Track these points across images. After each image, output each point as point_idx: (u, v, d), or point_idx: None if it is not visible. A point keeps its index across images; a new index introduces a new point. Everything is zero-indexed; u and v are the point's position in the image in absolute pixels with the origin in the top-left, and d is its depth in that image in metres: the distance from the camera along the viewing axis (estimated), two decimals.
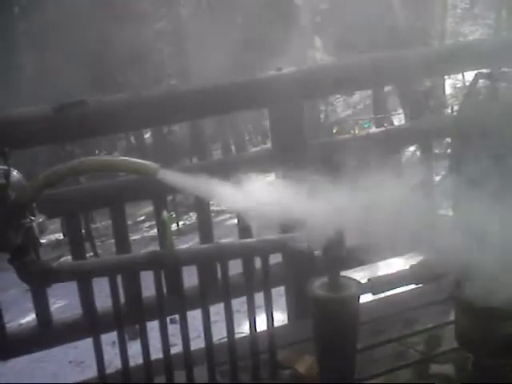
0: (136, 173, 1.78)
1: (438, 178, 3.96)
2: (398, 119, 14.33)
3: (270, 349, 2.19)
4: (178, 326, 2.16)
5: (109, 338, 2.34)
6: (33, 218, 1.76)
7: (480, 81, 2.09)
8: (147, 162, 1.73)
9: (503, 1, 10.66)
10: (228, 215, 10.91)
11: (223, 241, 2.10)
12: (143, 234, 13.30)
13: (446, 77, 12.93)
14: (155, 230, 2.77)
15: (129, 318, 2.23)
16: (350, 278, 2.03)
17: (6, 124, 2.50)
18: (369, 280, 2.05)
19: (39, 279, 1.86)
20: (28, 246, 1.77)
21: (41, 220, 1.79)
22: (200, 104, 2.64)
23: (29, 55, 14.48)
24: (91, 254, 11.14)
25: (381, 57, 3.20)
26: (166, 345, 2.11)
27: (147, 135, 19.48)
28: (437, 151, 3.55)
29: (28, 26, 14.60)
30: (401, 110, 13.79)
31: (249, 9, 12.45)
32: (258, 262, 2.21)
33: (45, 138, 2.62)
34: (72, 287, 2.48)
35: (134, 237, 11.58)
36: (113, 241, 2.83)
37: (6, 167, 1.71)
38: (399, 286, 2.08)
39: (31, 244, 1.78)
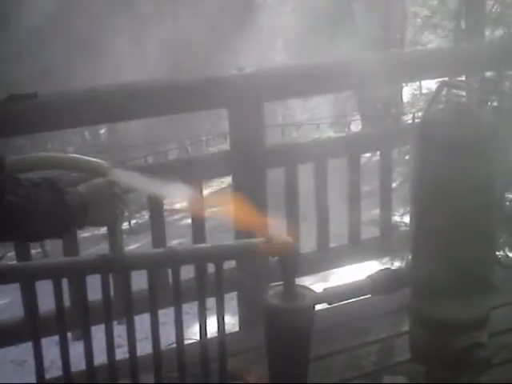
0: (86, 172, 1.69)
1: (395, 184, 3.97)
2: (355, 125, 14.43)
3: (221, 358, 2.12)
4: (125, 327, 2.06)
5: (53, 337, 2.21)
6: None
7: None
8: (98, 161, 1.64)
9: (462, 12, 10.86)
10: (182, 215, 10.78)
11: (176, 242, 2.02)
12: (93, 231, 13.02)
13: (403, 84, 13.07)
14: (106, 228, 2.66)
15: (74, 321, 2.12)
16: (305, 288, 1.97)
17: None
18: (325, 290, 2.00)
19: None
20: None
21: None
22: (157, 101, 2.54)
23: None
24: (39, 250, 10.84)
25: (346, 59, 3.16)
26: (111, 353, 2.02)
27: (102, 131, 19.13)
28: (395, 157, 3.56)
29: None
30: (358, 116, 13.86)
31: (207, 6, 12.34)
32: (210, 267, 2.13)
33: None
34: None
35: (84, 234, 11.31)
36: None
37: None
38: (356, 297, 2.03)
39: None
